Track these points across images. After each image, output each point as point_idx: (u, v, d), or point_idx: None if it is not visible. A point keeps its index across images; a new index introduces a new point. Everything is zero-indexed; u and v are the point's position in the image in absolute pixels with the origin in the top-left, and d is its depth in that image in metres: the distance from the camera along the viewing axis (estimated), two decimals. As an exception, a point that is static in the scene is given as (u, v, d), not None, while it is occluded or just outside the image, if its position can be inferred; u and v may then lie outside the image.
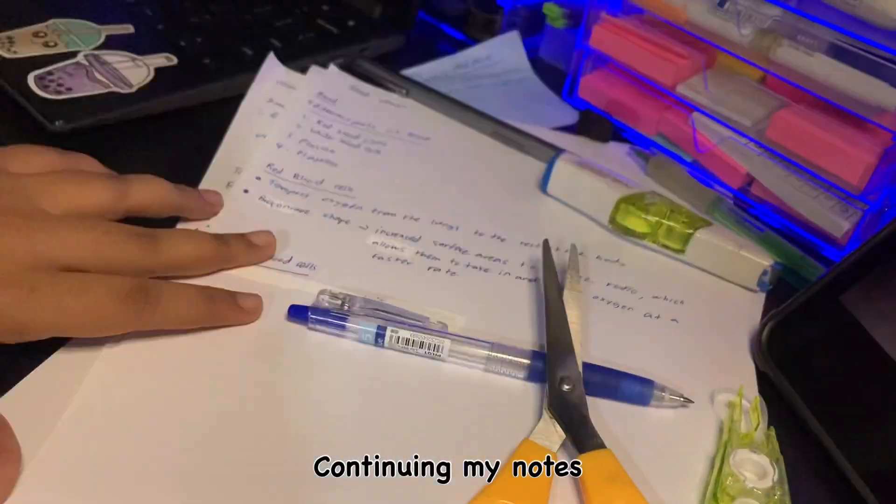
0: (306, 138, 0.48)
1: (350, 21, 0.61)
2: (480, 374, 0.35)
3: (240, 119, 0.48)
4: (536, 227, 0.45)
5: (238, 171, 0.44)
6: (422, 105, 0.55)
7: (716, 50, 0.50)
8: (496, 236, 0.44)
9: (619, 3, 0.54)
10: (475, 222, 0.45)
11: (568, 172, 0.47)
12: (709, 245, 0.43)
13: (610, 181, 0.46)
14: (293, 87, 0.52)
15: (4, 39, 0.50)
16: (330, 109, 0.52)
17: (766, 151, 0.48)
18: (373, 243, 0.42)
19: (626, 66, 0.53)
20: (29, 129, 0.45)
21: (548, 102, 0.59)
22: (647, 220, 0.44)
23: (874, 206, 0.44)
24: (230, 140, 0.47)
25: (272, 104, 0.50)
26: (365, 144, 0.50)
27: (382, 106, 0.54)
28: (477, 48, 0.63)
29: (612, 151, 0.54)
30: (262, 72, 0.52)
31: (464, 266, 0.42)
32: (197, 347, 0.34)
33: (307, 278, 0.39)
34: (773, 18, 0.46)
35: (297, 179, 0.45)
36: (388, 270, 0.40)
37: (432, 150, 0.51)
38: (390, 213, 0.44)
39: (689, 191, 0.49)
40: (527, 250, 0.43)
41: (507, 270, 0.42)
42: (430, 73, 0.59)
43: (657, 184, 0.51)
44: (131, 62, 0.50)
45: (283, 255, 0.40)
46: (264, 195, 0.43)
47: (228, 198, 0.42)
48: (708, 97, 0.50)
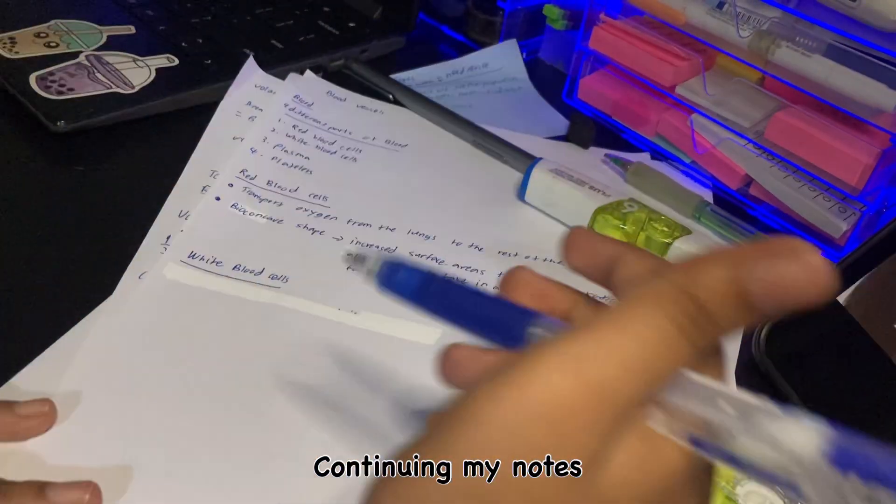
0: (281, 143, 0.47)
1: (350, 22, 0.61)
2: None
3: (216, 121, 0.48)
4: (514, 237, 0.44)
5: (213, 175, 0.44)
6: (400, 111, 0.54)
7: (715, 51, 0.50)
8: (474, 245, 0.43)
9: (618, 5, 0.54)
10: (452, 232, 0.44)
11: (545, 181, 0.46)
12: (688, 255, 0.42)
13: (587, 190, 0.45)
14: (272, 91, 0.51)
15: (6, 40, 0.50)
16: (306, 114, 0.51)
17: (764, 153, 0.48)
18: (348, 255, 0.41)
19: (625, 68, 0.53)
20: (30, 130, 0.45)
21: (540, 111, 0.58)
22: (624, 231, 0.43)
23: (872, 206, 0.44)
24: (206, 142, 0.46)
25: (251, 107, 0.50)
26: (341, 151, 0.49)
27: (359, 111, 0.53)
28: (475, 55, 0.63)
29: (593, 158, 0.53)
30: (240, 75, 0.51)
31: None
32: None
33: (279, 291, 0.38)
34: (772, 20, 0.46)
35: (271, 187, 0.44)
36: (363, 283, 0.39)
37: (409, 157, 0.50)
38: (366, 224, 0.43)
39: (672, 196, 0.48)
40: (505, 260, 0.43)
41: (485, 281, 0.41)
42: (423, 77, 0.59)
43: (640, 191, 0.50)
44: (132, 63, 0.51)
45: (254, 267, 0.38)
46: (237, 202, 0.42)
47: (200, 205, 0.41)
48: (707, 98, 0.50)
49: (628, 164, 0.51)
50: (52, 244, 0.38)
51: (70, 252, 0.38)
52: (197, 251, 0.39)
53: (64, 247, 0.38)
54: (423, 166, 0.49)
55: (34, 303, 0.35)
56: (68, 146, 0.45)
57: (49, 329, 0.34)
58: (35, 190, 0.42)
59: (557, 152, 0.52)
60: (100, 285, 0.36)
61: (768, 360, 0.38)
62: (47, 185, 0.42)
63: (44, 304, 0.35)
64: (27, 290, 0.36)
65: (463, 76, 0.61)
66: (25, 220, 0.40)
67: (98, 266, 0.37)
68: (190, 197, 0.42)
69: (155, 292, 0.36)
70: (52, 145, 0.45)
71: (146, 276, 0.37)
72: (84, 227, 0.40)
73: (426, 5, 0.67)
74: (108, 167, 0.44)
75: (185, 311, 0.36)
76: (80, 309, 0.35)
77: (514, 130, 0.53)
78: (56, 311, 0.35)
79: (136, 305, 0.35)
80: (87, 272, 0.37)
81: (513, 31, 0.64)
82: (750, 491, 0.31)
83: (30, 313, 0.35)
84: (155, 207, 0.41)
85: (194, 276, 0.37)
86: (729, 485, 0.31)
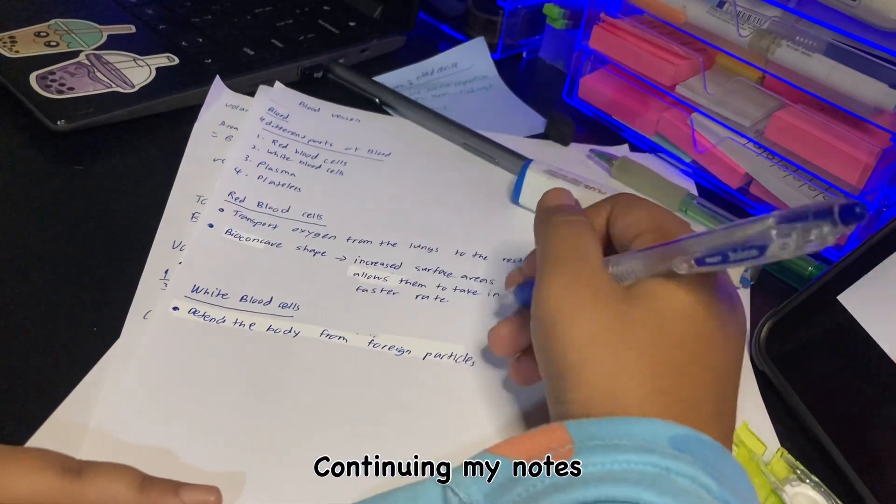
0: (265, 160, 0.46)
1: (351, 21, 0.61)
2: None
3: (193, 144, 0.46)
4: (515, 242, 0.44)
5: (201, 201, 0.42)
6: (376, 118, 0.53)
7: (715, 51, 0.50)
8: (478, 255, 0.43)
9: (618, 4, 0.54)
10: (454, 242, 0.43)
11: (539, 182, 0.45)
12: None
13: (582, 189, 0.45)
14: (244, 108, 0.50)
15: (6, 39, 0.50)
16: (283, 126, 0.50)
17: (764, 152, 0.48)
18: (353, 275, 0.40)
19: (625, 67, 0.53)
20: (31, 129, 0.45)
21: (514, 109, 0.58)
22: None
23: (872, 205, 0.44)
24: (186, 167, 0.44)
25: (225, 127, 0.48)
26: (326, 165, 0.47)
27: (335, 121, 0.52)
28: (443, 55, 0.62)
29: (575, 154, 0.53)
30: (209, 96, 0.49)
31: (452, 290, 0.40)
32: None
33: (292, 320, 0.36)
34: (772, 19, 0.46)
35: (262, 208, 0.42)
36: (376, 303, 0.38)
37: (395, 166, 0.49)
38: (366, 241, 0.42)
39: (658, 190, 0.49)
40: (510, 267, 0.42)
41: (496, 291, 0.40)
42: (393, 81, 0.57)
43: (625, 186, 0.50)
44: (133, 62, 0.51)
45: (262, 297, 0.37)
46: (231, 228, 0.41)
47: (195, 235, 0.40)
48: (707, 98, 0.50)
49: (613, 159, 0.51)
50: (52, 243, 0.38)
51: (70, 252, 0.38)
52: (199, 284, 0.37)
53: (64, 246, 0.38)
54: (410, 174, 0.48)
55: (35, 303, 0.35)
56: (68, 145, 0.45)
57: (48, 332, 0.34)
58: (35, 189, 0.42)
59: (540, 151, 0.52)
60: (100, 285, 0.36)
61: (768, 359, 0.38)
62: (47, 184, 0.42)
63: (44, 304, 0.35)
64: (27, 289, 0.36)
65: (433, 77, 0.60)
66: (25, 218, 0.40)
67: (98, 266, 0.37)
68: (181, 226, 0.40)
69: (164, 333, 0.34)
70: (51, 144, 0.45)
71: (152, 316, 0.35)
72: (84, 227, 0.40)
73: (426, 4, 0.67)
74: (108, 166, 0.44)
75: (200, 350, 0.34)
76: (80, 310, 0.35)
77: (493, 130, 0.52)
78: (57, 313, 0.35)
79: (148, 349, 0.34)
80: (87, 272, 0.37)
81: (513, 30, 0.64)
82: (798, 492, 0.31)
83: (29, 317, 0.35)
84: (155, 207, 0.41)
85: (202, 311, 0.36)
86: (781, 483, 0.31)
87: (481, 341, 0.37)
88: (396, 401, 0.34)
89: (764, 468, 0.32)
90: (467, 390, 0.35)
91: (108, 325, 0.34)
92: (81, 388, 0.31)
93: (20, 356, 0.32)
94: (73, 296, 0.36)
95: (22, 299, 0.35)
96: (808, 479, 0.32)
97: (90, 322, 0.34)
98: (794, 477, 0.32)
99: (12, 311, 0.34)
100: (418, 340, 0.37)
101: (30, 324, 0.34)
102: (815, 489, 0.31)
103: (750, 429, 0.34)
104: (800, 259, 0.44)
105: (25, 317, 0.34)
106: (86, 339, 0.33)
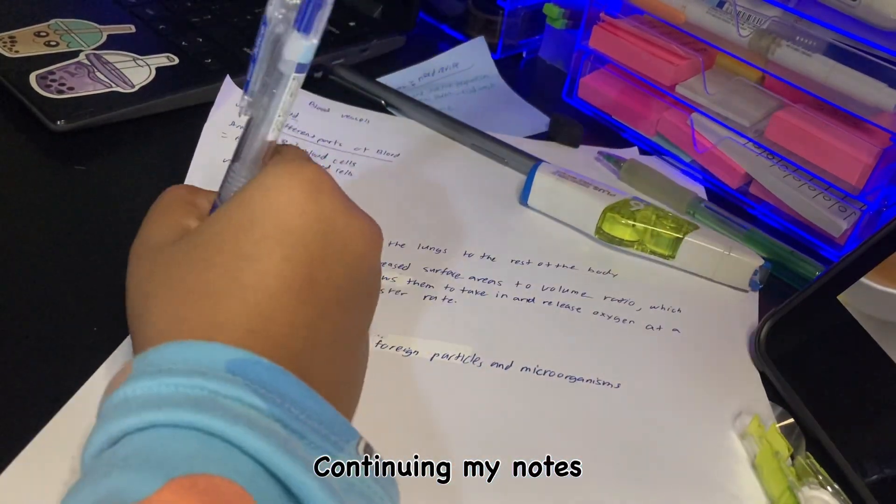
0: None
1: (351, 22, 0.61)
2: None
3: (202, 146, 0.46)
4: (523, 244, 0.44)
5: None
6: (385, 118, 0.53)
7: (715, 51, 0.50)
8: (486, 256, 0.43)
9: (618, 4, 0.54)
10: (462, 243, 0.43)
11: (548, 184, 0.45)
12: (698, 249, 0.43)
13: (592, 190, 0.45)
14: None
15: (6, 39, 0.50)
16: (293, 126, 0.50)
17: (764, 152, 0.48)
18: None
19: (625, 67, 0.53)
20: (30, 129, 0.45)
21: (517, 109, 0.58)
22: (634, 228, 0.43)
23: (872, 205, 0.44)
24: (196, 169, 0.44)
25: (235, 128, 0.48)
26: (335, 165, 0.48)
27: (344, 121, 0.52)
28: (444, 56, 0.61)
29: (582, 156, 0.53)
30: (219, 96, 0.49)
31: (459, 291, 0.40)
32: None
33: None
34: (772, 19, 0.46)
35: None
36: (384, 304, 0.38)
37: (403, 167, 0.49)
38: None
39: (666, 193, 0.48)
40: (518, 269, 0.42)
41: (504, 292, 0.41)
42: (395, 83, 0.57)
43: (633, 188, 0.50)
44: (132, 62, 0.51)
45: None
46: None
47: None
48: (707, 98, 0.50)
49: (622, 161, 0.51)
50: (52, 243, 0.38)
51: (70, 252, 0.38)
52: None
53: (64, 246, 0.38)
54: (418, 175, 0.48)
55: (35, 304, 0.35)
56: (68, 145, 0.45)
57: (49, 333, 0.34)
58: (35, 189, 0.42)
59: (546, 152, 0.52)
60: (100, 286, 0.36)
61: (768, 359, 0.38)
62: (47, 184, 0.42)
63: (44, 304, 0.35)
64: (28, 290, 0.36)
65: (435, 78, 0.60)
66: (25, 218, 0.40)
67: (98, 266, 0.37)
68: None
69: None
70: (51, 144, 0.45)
71: None
72: (84, 227, 0.40)
73: (426, 4, 0.67)
74: (109, 166, 0.44)
75: None
76: (81, 310, 0.35)
77: (498, 131, 0.52)
78: (57, 314, 0.35)
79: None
80: (87, 272, 0.37)
81: (513, 29, 0.64)
82: (815, 496, 0.31)
83: (30, 318, 0.35)
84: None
85: None
86: (798, 482, 0.31)
87: (489, 342, 0.37)
88: (402, 401, 0.34)
89: (785, 468, 0.32)
90: (475, 391, 0.35)
91: (109, 325, 0.34)
92: (87, 387, 0.31)
93: (20, 357, 0.32)
94: (73, 296, 0.36)
95: (22, 300, 0.35)
96: (829, 486, 0.32)
97: (91, 323, 0.34)
98: (816, 482, 0.32)
99: (12, 311, 0.34)
100: (426, 341, 0.37)
101: (30, 324, 0.34)
102: (835, 497, 0.31)
103: (779, 430, 0.34)
104: (801, 261, 0.44)
105: (26, 317, 0.34)
106: (87, 340, 0.33)
